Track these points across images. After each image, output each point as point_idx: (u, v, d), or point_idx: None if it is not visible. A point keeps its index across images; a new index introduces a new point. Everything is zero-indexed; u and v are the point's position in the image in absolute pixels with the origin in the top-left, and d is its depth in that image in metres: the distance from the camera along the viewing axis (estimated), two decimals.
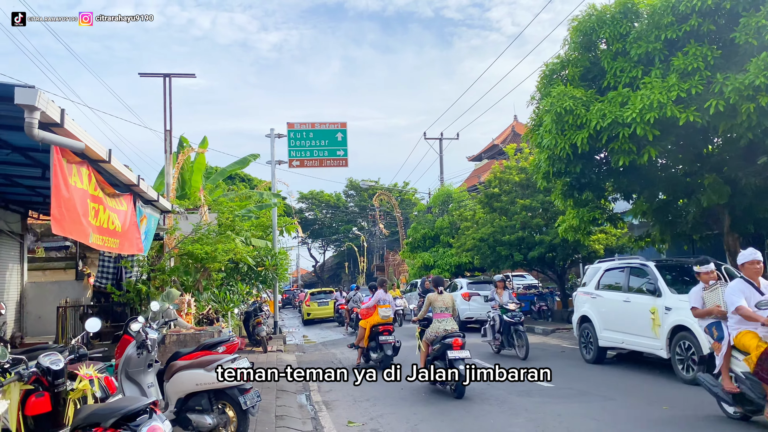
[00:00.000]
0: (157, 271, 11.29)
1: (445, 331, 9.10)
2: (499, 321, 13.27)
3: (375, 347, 12.02)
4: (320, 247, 72.95)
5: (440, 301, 9.50)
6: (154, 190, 9.22)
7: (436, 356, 9.11)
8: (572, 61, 12.73)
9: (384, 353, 11.70)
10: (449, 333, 9.01)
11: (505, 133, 47.91)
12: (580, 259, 22.23)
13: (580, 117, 11.44)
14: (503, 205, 21.35)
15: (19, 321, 12.32)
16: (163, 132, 14.92)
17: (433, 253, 30.40)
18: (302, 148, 19.63)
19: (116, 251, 7.98)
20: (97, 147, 6.09)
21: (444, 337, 8.95)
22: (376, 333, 11.89)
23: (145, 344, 6.40)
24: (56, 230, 5.08)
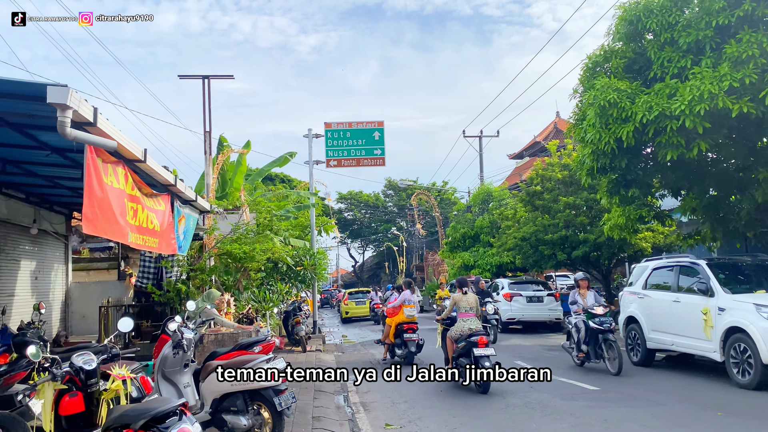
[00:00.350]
0: (196, 270, 11.36)
1: (469, 329, 9.41)
2: (584, 328, 10.71)
3: (400, 344, 12.60)
4: (359, 247, 73.12)
5: (465, 301, 9.82)
6: (191, 190, 9.25)
7: (461, 353, 9.41)
8: (617, 52, 12.29)
9: (408, 350, 12.31)
10: (474, 332, 9.34)
11: (547, 129, 47.04)
12: (625, 258, 21.56)
13: (625, 110, 11.02)
14: (545, 203, 20.87)
15: (64, 320, 12.59)
16: (203, 134, 15.04)
17: (473, 253, 30.03)
18: (339, 147, 19.59)
19: (156, 250, 8.03)
20: (132, 146, 6.08)
21: (469, 335, 9.29)
22: (401, 331, 12.47)
23: (180, 344, 6.38)
24: (88, 230, 5.07)
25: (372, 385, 10.26)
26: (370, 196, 61.14)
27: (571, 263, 21.22)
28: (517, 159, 50.05)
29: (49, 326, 11.61)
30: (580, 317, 10.96)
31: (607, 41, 12.52)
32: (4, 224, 10.20)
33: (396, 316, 12.90)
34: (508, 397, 8.60)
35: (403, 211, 58.37)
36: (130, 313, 11.64)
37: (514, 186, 37.08)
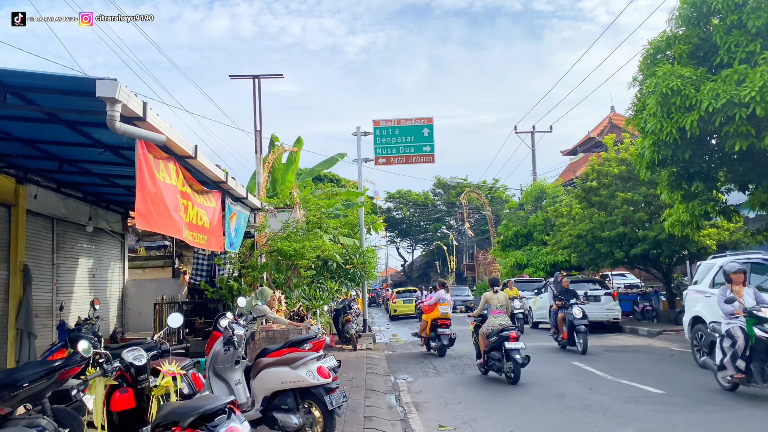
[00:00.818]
0: (248, 267, 11.40)
1: (500, 325, 10.03)
2: (743, 339, 7.89)
3: (434, 337, 13.84)
4: (408, 247, 72.89)
5: (495, 299, 10.50)
6: (242, 188, 9.24)
7: (492, 347, 10.03)
8: (680, 37, 11.69)
9: (441, 343, 13.58)
10: (505, 327, 9.95)
11: (601, 124, 45.83)
12: (686, 256, 20.64)
13: (689, 98, 10.47)
14: (602, 199, 20.17)
15: (120, 317, 12.86)
16: (254, 133, 15.15)
17: (526, 252, 29.42)
18: (388, 145, 19.40)
19: (205, 247, 8.04)
20: (183, 142, 6.06)
21: (500, 330, 9.89)
22: (435, 326, 13.66)
23: (231, 340, 6.32)
24: (141, 225, 5.05)
25: (424, 385, 10.06)
26: (419, 195, 60.82)
27: (629, 261, 20.46)
28: (570, 155, 48.90)
29: (106, 323, 11.87)
30: (736, 322, 8.15)
31: (669, 27, 11.93)
32: (62, 223, 10.46)
33: (431, 312, 14.00)
34: (566, 399, 8.23)
35: (452, 209, 57.83)
36: (184, 310, 11.79)
37: (569, 182, 36.16)
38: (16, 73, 4.65)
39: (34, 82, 5.02)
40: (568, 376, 10.13)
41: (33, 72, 4.78)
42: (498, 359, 9.90)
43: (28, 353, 8.49)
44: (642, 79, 12.41)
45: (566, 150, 49.05)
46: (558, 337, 14.39)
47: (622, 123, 43.02)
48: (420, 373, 11.48)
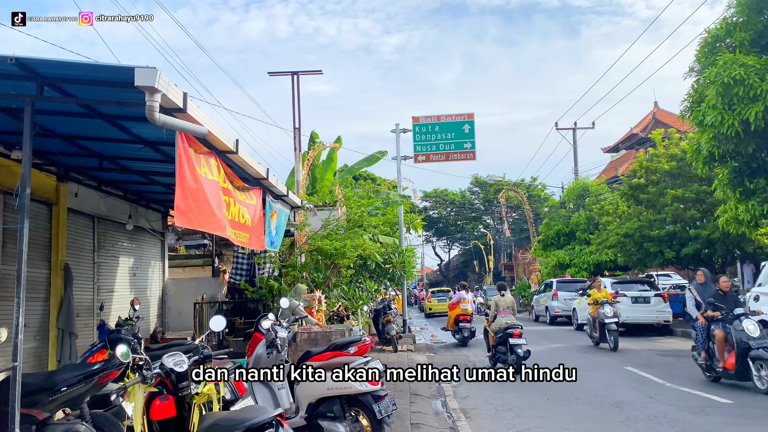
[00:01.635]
0: (288, 267, 11.17)
1: (506, 324, 11.54)
2: None
3: (458, 330, 16.24)
4: (445, 246, 72.21)
5: (503, 301, 12.18)
6: (283, 185, 8.99)
7: (499, 342, 11.63)
8: (740, 25, 11.02)
9: (462, 335, 15.89)
10: (510, 325, 11.43)
11: (644, 121, 44.54)
12: (739, 256, 19.69)
13: (753, 88, 9.84)
14: (650, 196, 19.39)
15: (161, 316, 12.79)
16: (292, 131, 14.95)
17: (569, 251, 28.62)
18: (428, 142, 18.97)
19: (246, 245, 7.80)
20: (224, 136, 5.80)
21: (506, 328, 11.43)
22: (458, 320, 16.00)
23: (274, 343, 6.06)
24: (181, 222, 4.79)
25: (471, 390, 9.66)
26: (456, 194, 60.14)
27: (680, 261, 19.62)
28: (611, 152, 47.74)
29: (146, 322, 11.79)
30: None
31: (728, 13, 11.27)
32: (103, 221, 10.38)
33: (454, 309, 16.74)
34: (626, 408, 7.73)
35: (490, 208, 57.03)
36: (224, 309, 11.62)
37: (612, 180, 35.15)
38: (52, 63, 4.44)
39: (70, 72, 4.81)
40: (623, 382, 9.60)
41: (69, 62, 4.57)
42: (503, 353, 11.42)
43: (69, 353, 8.40)
44: (699, 69, 11.76)
45: (607, 147, 47.87)
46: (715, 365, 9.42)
47: (666, 118, 42.00)
48: (465, 374, 11.06)
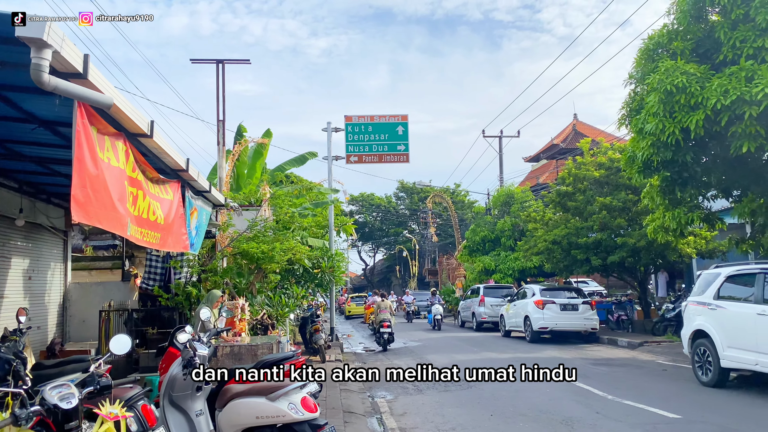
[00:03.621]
0: (208, 272, 10.14)
1: (381, 319, 17.23)
2: None
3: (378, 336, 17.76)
4: (370, 251, 71.81)
5: (383, 304, 18.31)
6: (205, 179, 8.02)
7: (376, 331, 17.93)
8: (680, 33, 11.00)
9: (383, 338, 17.29)
10: (383, 320, 17.13)
11: (565, 132, 45.97)
12: (660, 264, 20.18)
13: (694, 96, 9.73)
14: (578, 204, 19.52)
15: (61, 325, 11.37)
16: (216, 124, 13.85)
17: (494, 257, 28.70)
18: (360, 142, 18.26)
19: (157, 247, 6.79)
20: (136, 115, 4.86)
21: (381, 321, 17.15)
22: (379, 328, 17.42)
23: (192, 362, 5.12)
24: (78, 216, 3.85)
25: (407, 405, 9.00)
26: (382, 199, 59.88)
27: (605, 269, 19.85)
28: (533, 162, 48.92)
29: (43, 332, 10.43)
30: None
31: (668, 20, 11.24)
32: None
33: (369, 309, 23.51)
34: (575, 426, 7.29)
35: (415, 214, 57.10)
36: (134, 318, 10.43)
37: (536, 188, 35.76)
38: None
39: None
40: (565, 395, 9.22)
41: None
42: (378, 336, 17.34)
43: None
44: (639, 76, 11.68)
45: (529, 156, 49.03)
46: None
47: (585, 130, 43.46)
48: (399, 389, 10.42)
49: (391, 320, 17.32)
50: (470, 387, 10.16)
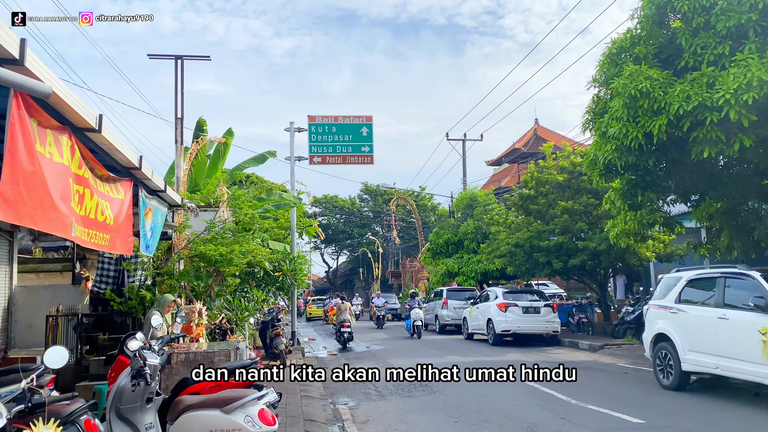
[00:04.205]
0: (163, 275, 9.73)
1: (342, 319, 18.67)
2: None
3: (339, 336, 19.01)
4: (333, 253, 71.35)
5: (344, 306, 19.73)
6: (160, 178, 7.66)
7: (337, 330, 19.09)
8: (643, 38, 11.08)
9: (343, 337, 18.64)
10: (343, 320, 18.52)
11: (526, 136, 46.59)
12: (620, 268, 20.46)
13: (657, 101, 9.79)
14: (540, 207, 19.63)
15: (6, 331, 10.76)
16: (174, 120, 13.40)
17: (457, 260, 28.74)
18: (324, 143, 17.96)
19: (106, 249, 6.40)
20: (81, 107, 4.52)
21: (341, 322, 18.57)
22: (340, 328, 18.81)
23: (142, 372, 4.80)
24: (6, 216, 3.51)
25: (369, 412, 8.78)
26: (346, 201, 59.57)
27: (566, 272, 20.02)
28: (495, 165, 49.36)
29: None
30: None
31: (632, 24, 11.30)
32: None
33: (332, 311, 25.00)
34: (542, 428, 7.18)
35: (379, 216, 56.96)
36: (84, 323, 9.93)
37: (498, 191, 36.02)
38: None
39: None
40: (529, 400, 9.14)
41: None
42: (339, 335, 18.56)
43: None
44: (603, 80, 11.73)
45: (491, 160, 49.48)
46: None
47: (546, 135, 44.11)
48: (361, 395, 10.19)
49: (351, 320, 19.24)
50: (434, 392, 10.01)
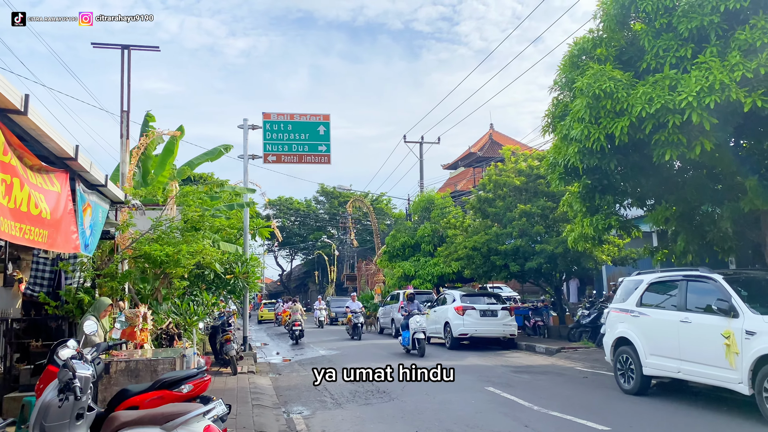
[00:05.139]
0: (104, 276, 9.07)
1: (294, 320, 22.01)
2: None
3: (291, 333, 22.32)
4: (287, 256, 70.35)
5: (295, 308, 24.03)
6: (100, 171, 7.06)
7: (289, 329, 22.75)
8: (605, 40, 11.01)
9: (294, 334, 21.86)
10: (294, 320, 21.92)
11: (481, 141, 47.01)
12: (575, 271, 20.56)
13: (620, 102, 9.70)
14: (498, 210, 19.54)
15: None
16: (120, 114, 12.67)
17: (414, 263, 28.48)
18: (279, 141, 17.38)
19: (44, 247, 5.83)
20: (2, 85, 3.97)
21: (292, 322, 22.02)
22: (292, 327, 22.26)
23: (71, 386, 4.25)
24: None
25: (325, 422, 8.36)
26: (301, 203, 58.79)
27: (523, 275, 19.98)
28: (450, 169, 49.54)
29: None
30: None
31: (594, 24, 11.23)
32: None
33: (284, 314, 28.51)
34: None
35: (335, 219, 56.39)
36: (15, 329, 9.16)
37: (454, 194, 36.01)
38: None
39: None
40: (491, 407, 8.87)
41: None
42: (292, 332, 21.87)
43: None
44: (564, 82, 11.63)
45: (447, 164, 49.66)
46: None
47: (501, 140, 44.59)
48: (316, 403, 9.74)
49: (301, 320, 22.43)
50: (392, 399, 9.65)
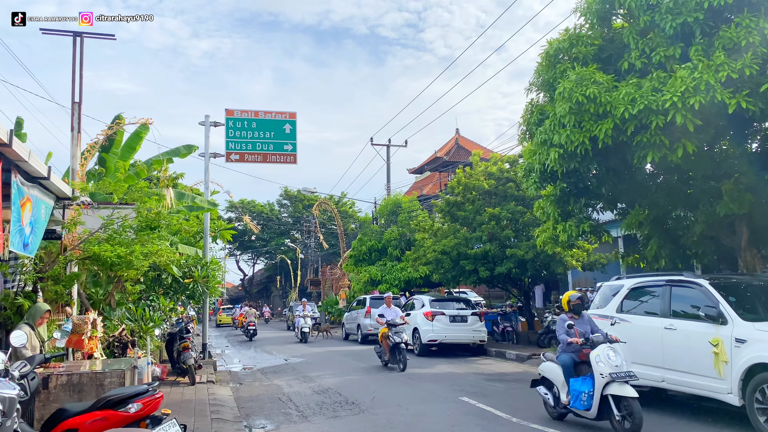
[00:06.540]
0: (48, 280, 8.27)
1: (248, 321, 26.70)
2: None
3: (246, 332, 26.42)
4: (249, 260, 68.99)
5: (251, 311, 29.64)
6: (41, 162, 6.33)
7: (245, 329, 27.13)
8: (584, 37, 10.68)
9: (249, 333, 26.23)
10: (250, 321, 26.57)
11: (448, 145, 47.08)
12: (545, 275, 20.34)
13: (603, 104, 9.34)
14: (467, 214, 19.17)
15: None
16: (71, 105, 11.80)
17: (381, 267, 27.98)
18: (243, 139, 16.63)
19: None
20: None
21: (248, 323, 26.67)
22: (247, 326, 26.44)
23: None
24: None
25: None
26: (264, 206, 57.68)
27: (493, 280, 19.64)
28: (417, 173, 49.35)
29: None
30: None
31: (576, 19, 10.86)
32: None
33: (240, 317, 33.40)
34: None
35: (299, 222, 55.48)
36: None
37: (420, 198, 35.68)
38: None
39: None
40: (467, 419, 8.37)
41: None
42: (246, 331, 26.27)
43: None
44: (540, 83, 11.24)
45: (413, 168, 49.50)
46: None
47: (466, 144, 44.65)
48: (280, 416, 9.09)
49: (255, 321, 26.91)
50: (362, 412, 9.07)
